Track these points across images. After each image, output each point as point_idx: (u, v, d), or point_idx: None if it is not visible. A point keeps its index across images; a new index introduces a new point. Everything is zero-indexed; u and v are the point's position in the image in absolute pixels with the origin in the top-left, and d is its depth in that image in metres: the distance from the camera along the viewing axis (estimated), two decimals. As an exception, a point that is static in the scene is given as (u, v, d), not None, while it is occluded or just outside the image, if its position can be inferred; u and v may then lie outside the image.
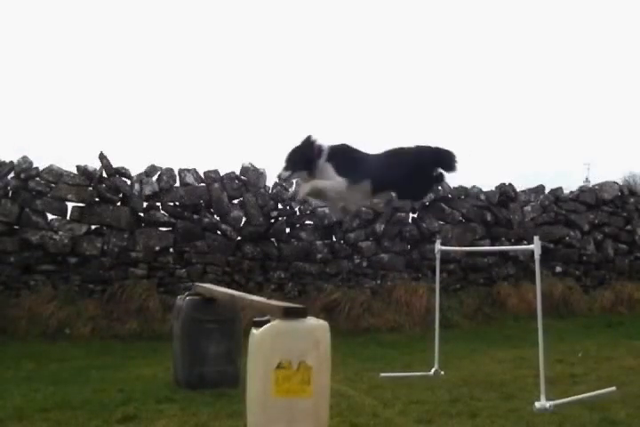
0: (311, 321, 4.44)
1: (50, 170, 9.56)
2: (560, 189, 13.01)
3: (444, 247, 8.25)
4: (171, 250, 9.95)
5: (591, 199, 12.54)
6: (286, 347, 4.21)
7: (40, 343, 8.39)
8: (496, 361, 7.59)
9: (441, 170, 5.51)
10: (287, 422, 4.18)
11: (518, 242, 11.69)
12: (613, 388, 5.79)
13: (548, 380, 5.55)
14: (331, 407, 5.17)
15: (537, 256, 5.87)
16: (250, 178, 10.42)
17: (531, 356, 7.54)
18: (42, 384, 6.26)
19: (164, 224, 9.98)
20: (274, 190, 10.53)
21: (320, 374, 4.25)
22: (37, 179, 9.49)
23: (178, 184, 10.11)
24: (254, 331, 4.33)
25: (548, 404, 5.36)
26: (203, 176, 10.27)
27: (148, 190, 9.81)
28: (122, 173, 9.88)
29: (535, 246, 5.87)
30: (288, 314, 4.28)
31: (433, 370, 6.80)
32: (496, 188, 12.04)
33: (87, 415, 5.12)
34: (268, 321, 4.31)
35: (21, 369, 7.09)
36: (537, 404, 5.38)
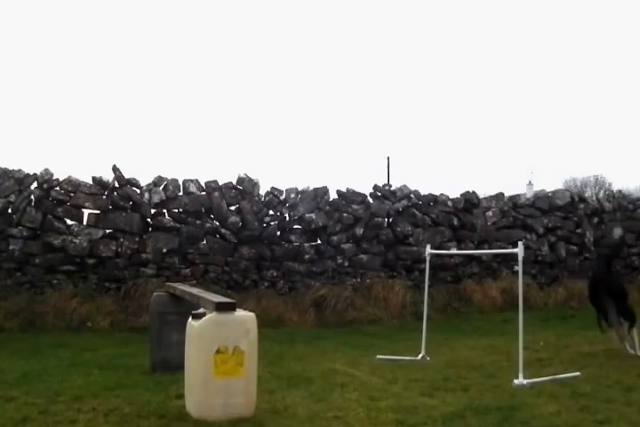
0: (242, 313, 5.15)
1: (69, 181, 10.50)
2: (518, 195, 14.28)
3: (434, 251, 9.15)
4: (176, 252, 10.90)
5: (545, 205, 13.76)
6: (224, 335, 4.90)
7: (67, 335, 9.21)
8: (470, 348, 8.45)
9: None
10: (224, 398, 4.88)
11: (481, 244, 12.94)
12: (578, 373, 6.62)
13: (519, 363, 6.38)
14: (346, 385, 6.26)
15: (520, 258, 6.75)
16: (245, 187, 11.43)
17: (499, 344, 8.64)
18: (89, 369, 7.04)
19: (170, 229, 10.93)
20: (266, 198, 11.55)
21: (250, 357, 4.98)
22: (58, 189, 10.42)
23: (182, 193, 11.04)
24: (193, 322, 5.08)
25: (525, 381, 6.20)
26: (204, 186, 11.23)
27: (156, 199, 10.77)
28: (132, 183, 10.82)
29: (519, 250, 6.85)
30: (220, 308, 5.00)
31: (420, 355, 7.70)
32: (461, 195, 13.19)
33: (149, 393, 5.89)
34: (204, 314, 5.07)
35: (62, 358, 7.93)
36: (516, 381, 6.21)
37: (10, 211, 10.31)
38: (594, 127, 61.52)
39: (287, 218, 11.74)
